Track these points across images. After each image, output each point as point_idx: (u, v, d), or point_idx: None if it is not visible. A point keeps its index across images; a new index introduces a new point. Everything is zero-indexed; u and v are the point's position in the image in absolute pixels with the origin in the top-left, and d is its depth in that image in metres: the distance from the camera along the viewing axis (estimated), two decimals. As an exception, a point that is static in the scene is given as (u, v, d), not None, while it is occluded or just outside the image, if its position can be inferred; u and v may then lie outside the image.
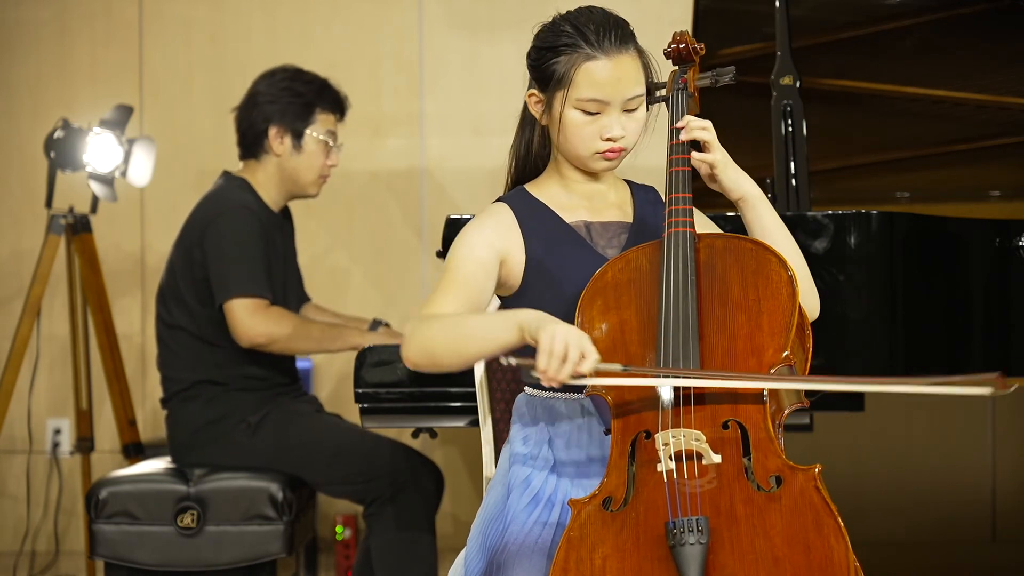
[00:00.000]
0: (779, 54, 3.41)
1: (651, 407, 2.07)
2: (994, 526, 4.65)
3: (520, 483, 2.23)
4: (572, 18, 2.25)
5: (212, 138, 4.58)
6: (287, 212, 3.81)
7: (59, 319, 4.67)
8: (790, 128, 3.37)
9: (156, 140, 4.21)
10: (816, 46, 3.79)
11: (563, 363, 1.97)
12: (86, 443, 4.38)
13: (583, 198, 2.33)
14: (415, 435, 3.27)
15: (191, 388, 3.61)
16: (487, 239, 2.25)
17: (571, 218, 2.31)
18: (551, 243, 2.28)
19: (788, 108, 3.37)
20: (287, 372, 3.70)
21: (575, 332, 1.99)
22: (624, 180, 2.41)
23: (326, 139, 3.69)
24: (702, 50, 2.32)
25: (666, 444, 2.03)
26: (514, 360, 2.01)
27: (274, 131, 3.67)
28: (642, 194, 2.39)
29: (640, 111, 2.27)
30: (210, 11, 4.82)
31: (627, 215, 2.34)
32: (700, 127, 2.24)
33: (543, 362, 1.97)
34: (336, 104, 3.74)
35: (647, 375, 2.06)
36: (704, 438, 2.03)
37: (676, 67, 2.34)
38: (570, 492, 2.20)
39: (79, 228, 4.23)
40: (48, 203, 4.18)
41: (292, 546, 3.47)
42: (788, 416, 2.12)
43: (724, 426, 2.04)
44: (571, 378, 1.98)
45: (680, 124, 2.26)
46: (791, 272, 2.12)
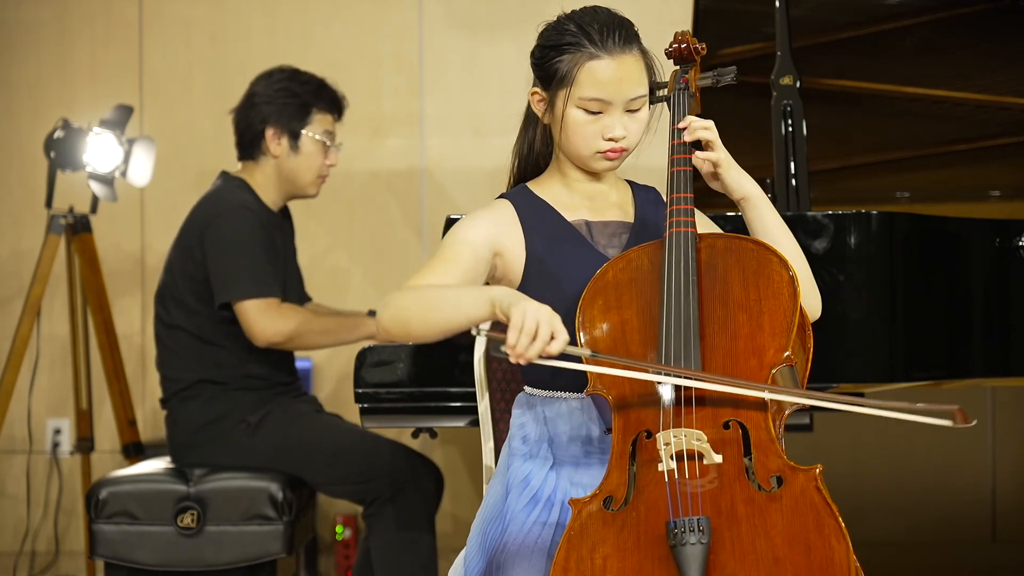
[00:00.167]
0: (779, 54, 3.40)
1: (652, 407, 2.07)
2: (994, 526, 4.65)
3: (519, 482, 2.23)
4: (577, 17, 2.26)
5: (212, 138, 4.57)
6: (286, 212, 3.80)
7: (59, 319, 4.67)
8: (790, 128, 3.37)
9: (156, 140, 4.21)
10: (816, 46, 3.79)
11: (532, 341, 1.97)
12: (86, 443, 4.37)
13: (584, 197, 2.34)
14: (415, 435, 3.27)
15: (190, 388, 3.61)
16: (483, 228, 2.27)
17: (572, 217, 2.31)
18: (552, 241, 2.28)
19: (788, 108, 3.37)
20: (287, 372, 3.70)
21: (547, 311, 2.00)
22: (625, 180, 2.41)
23: (323, 139, 3.69)
24: (703, 50, 2.32)
25: (667, 444, 2.03)
26: (484, 331, 2.01)
27: (271, 132, 3.66)
28: (643, 194, 2.39)
29: (642, 112, 2.27)
30: (210, 11, 4.82)
31: (628, 215, 2.35)
32: (703, 127, 2.24)
33: (513, 337, 1.98)
34: (333, 104, 3.73)
35: (617, 365, 2.07)
36: (705, 438, 2.03)
37: (677, 67, 2.34)
38: (570, 492, 2.20)
39: (79, 228, 4.23)
40: (48, 203, 4.18)
41: (292, 546, 3.47)
42: (789, 416, 2.12)
43: (725, 426, 2.04)
44: (539, 358, 1.99)
45: (682, 124, 2.26)
46: (792, 272, 2.12)
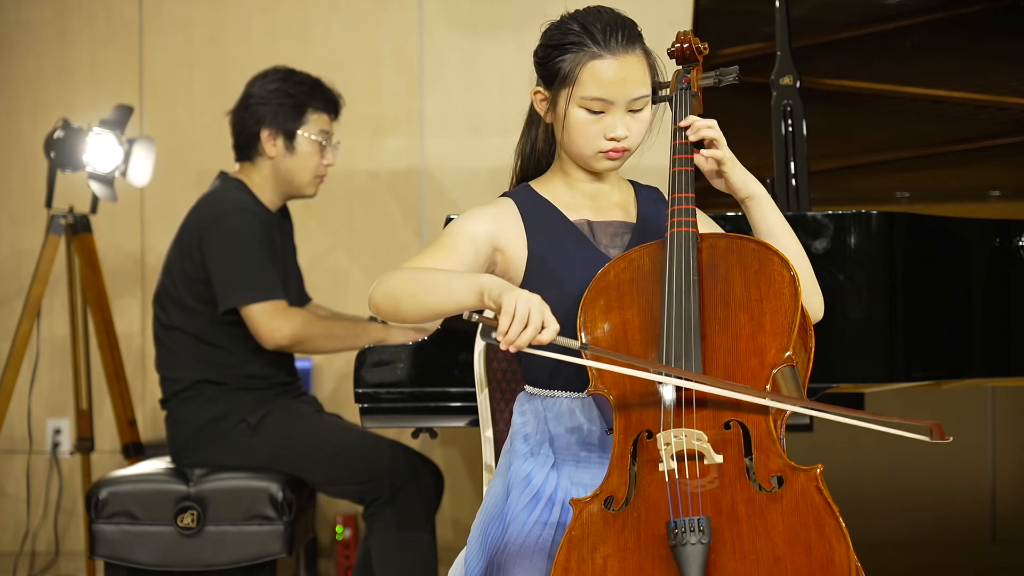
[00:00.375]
0: (779, 54, 3.40)
1: (653, 407, 2.07)
2: (994, 526, 4.65)
3: (520, 481, 2.23)
4: (580, 17, 2.26)
5: (212, 138, 4.57)
6: (285, 211, 3.80)
7: (59, 319, 4.67)
8: (790, 128, 3.37)
9: (156, 140, 4.21)
10: (816, 46, 3.79)
11: (524, 328, 1.98)
12: (86, 443, 4.37)
13: (587, 197, 2.34)
14: (415, 435, 3.27)
15: (190, 388, 3.61)
16: (485, 223, 2.28)
17: (575, 216, 2.31)
18: (554, 240, 2.28)
19: (788, 108, 3.37)
20: (287, 372, 3.70)
21: (537, 300, 2.01)
22: (628, 180, 2.41)
23: (319, 139, 3.68)
24: (706, 50, 2.32)
25: (668, 444, 2.03)
26: (476, 316, 2.02)
27: (266, 133, 3.66)
28: (646, 195, 2.39)
29: (645, 112, 2.27)
30: (210, 11, 4.81)
31: (631, 215, 2.35)
32: (707, 126, 2.24)
33: (505, 323, 1.99)
34: (329, 103, 3.72)
35: (609, 359, 2.07)
36: (706, 438, 2.03)
37: (680, 67, 2.34)
38: (571, 491, 2.20)
39: (79, 228, 4.23)
40: (48, 203, 4.18)
41: (292, 546, 3.47)
42: (790, 417, 2.12)
43: (726, 426, 2.04)
44: (529, 346, 1.99)
45: (685, 123, 2.26)
46: (794, 272, 2.12)
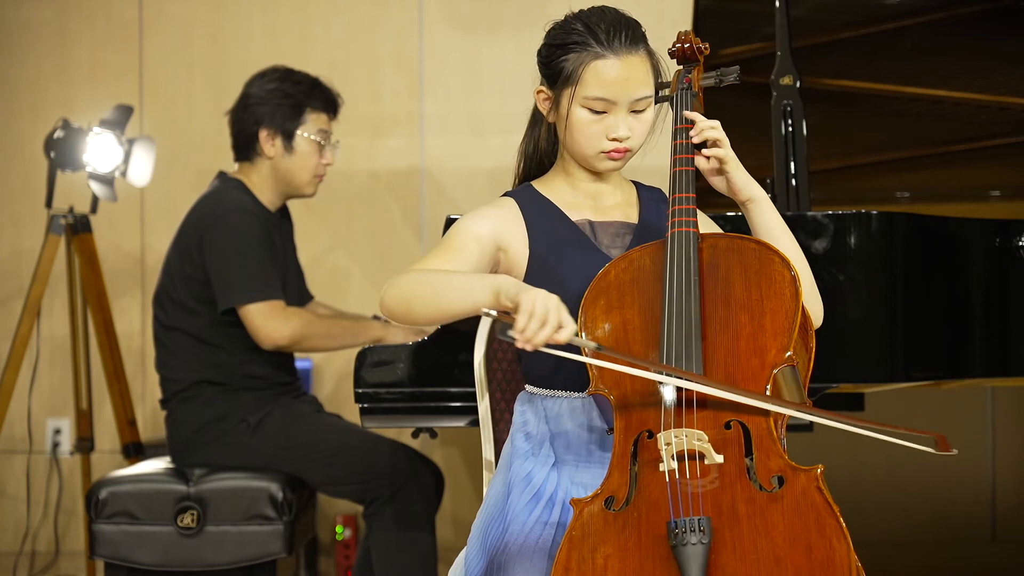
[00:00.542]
0: (779, 54, 3.40)
1: (654, 407, 2.07)
2: (994, 526, 4.65)
3: (521, 480, 2.23)
4: (584, 17, 2.26)
5: (212, 138, 4.57)
6: (285, 211, 3.80)
7: (59, 319, 4.66)
8: (790, 128, 3.37)
9: (156, 140, 4.21)
10: (816, 46, 3.79)
11: (541, 327, 1.98)
12: (86, 443, 4.37)
13: (588, 197, 2.34)
14: (415, 435, 3.27)
15: (190, 388, 3.61)
16: (489, 223, 2.27)
17: (576, 216, 2.31)
18: (555, 240, 2.28)
19: (788, 108, 3.37)
20: (287, 372, 3.70)
21: (555, 300, 2.01)
22: (631, 181, 2.41)
23: (318, 139, 3.68)
24: (707, 50, 2.32)
25: (668, 444, 2.03)
26: (494, 313, 2.02)
27: (264, 133, 3.65)
28: (649, 195, 2.39)
29: (647, 113, 2.27)
30: (210, 11, 4.81)
31: (632, 216, 2.34)
32: (711, 127, 2.24)
33: (522, 321, 1.99)
34: (327, 103, 3.72)
35: (620, 360, 2.07)
36: (706, 438, 2.03)
37: (680, 67, 2.34)
38: (571, 491, 2.20)
39: (79, 228, 4.23)
40: (48, 203, 4.18)
41: (292, 546, 3.47)
42: (790, 416, 2.12)
43: (727, 426, 2.04)
44: (545, 345, 2.00)
45: (689, 122, 2.25)
46: (794, 272, 2.12)
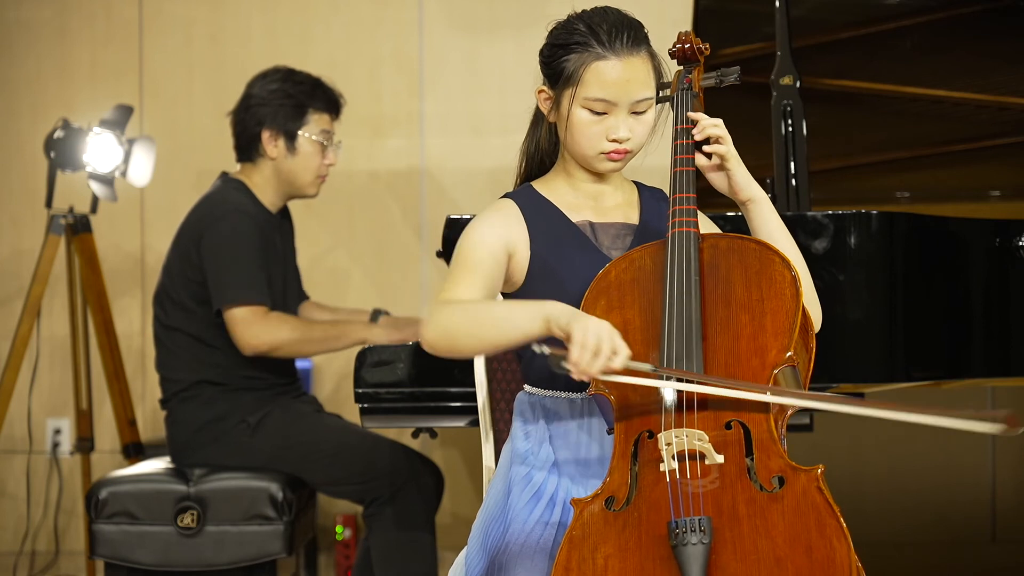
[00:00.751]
0: (779, 54, 3.41)
1: (654, 407, 2.07)
2: (994, 526, 4.65)
3: (521, 480, 2.23)
4: (587, 17, 2.25)
5: (212, 138, 4.57)
6: (286, 212, 3.80)
7: (59, 319, 4.66)
8: (790, 128, 3.37)
9: (156, 140, 4.21)
10: (816, 46, 3.79)
11: (595, 357, 1.98)
12: (86, 443, 4.37)
13: (589, 198, 2.33)
14: (415, 435, 3.27)
15: (190, 388, 3.61)
16: (496, 230, 2.26)
17: (577, 218, 2.31)
18: (556, 241, 2.28)
19: (788, 108, 3.37)
20: (286, 372, 3.70)
21: (607, 327, 2.00)
22: (633, 181, 2.40)
23: (320, 139, 3.68)
24: (707, 50, 2.31)
25: (668, 444, 2.03)
26: (547, 349, 2.01)
27: (267, 134, 3.65)
28: (650, 196, 2.38)
29: (648, 114, 2.27)
30: (210, 11, 4.81)
31: (633, 217, 2.34)
32: (713, 124, 2.23)
33: (576, 354, 1.98)
34: (330, 103, 3.72)
35: (684, 376, 2.05)
36: (707, 438, 2.02)
37: (681, 67, 2.33)
38: (571, 491, 2.20)
39: (79, 228, 4.23)
40: (48, 203, 4.18)
41: (292, 546, 3.47)
42: (791, 417, 2.12)
43: (727, 426, 2.04)
44: (601, 373, 1.99)
45: (692, 121, 2.25)
46: (795, 272, 2.12)
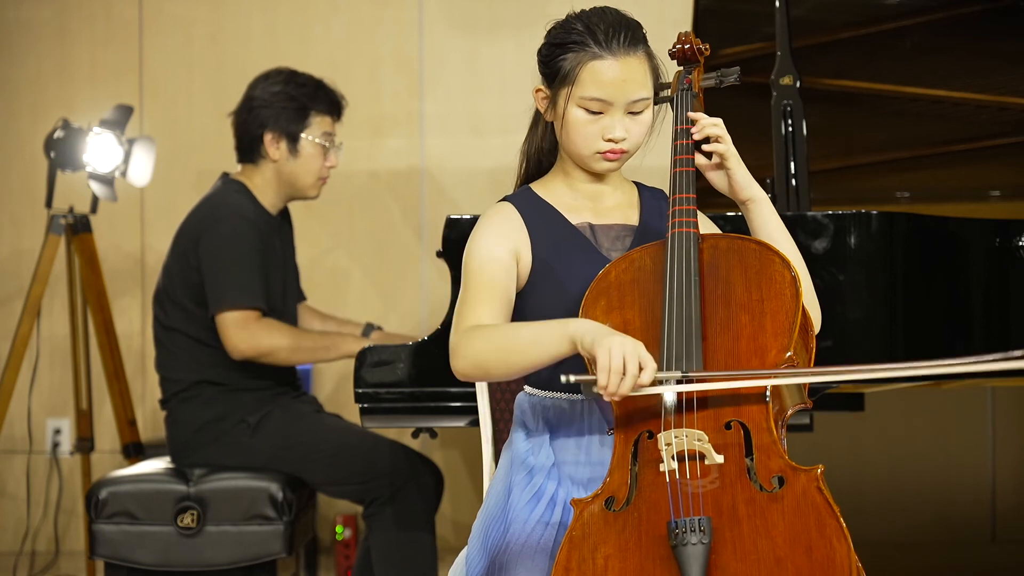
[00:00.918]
0: (779, 54, 3.40)
1: (654, 407, 2.07)
2: (994, 526, 4.65)
3: (521, 480, 2.22)
4: (585, 17, 2.25)
5: (212, 138, 4.57)
6: (286, 213, 3.80)
7: (59, 319, 4.66)
8: (790, 128, 3.37)
9: (156, 140, 4.20)
10: (816, 46, 3.79)
11: (623, 378, 1.97)
12: (86, 443, 4.37)
13: (588, 199, 2.33)
14: (415, 435, 3.27)
15: (190, 389, 3.61)
16: (503, 240, 2.25)
17: (576, 220, 2.30)
18: (556, 244, 2.27)
19: (788, 108, 3.37)
20: (287, 372, 3.70)
21: (631, 343, 1.99)
22: (633, 182, 2.40)
23: (322, 142, 3.68)
24: (707, 50, 2.31)
25: (668, 444, 2.03)
26: (574, 377, 2.01)
27: (269, 137, 3.65)
28: (651, 197, 2.38)
29: (645, 114, 2.27)
30: (210, 11, 4.81)
31: (633, 217, 2.33)
32: (712, 124, 2.23)
33: (603, 379, 1.97)
34: (332, 105, 3.72)
35: (711, 379, 2.04)
36: (707, 438, 2.02)
37: (681, 67, 2.33)
38: (571, 492, 2.20)
39: (79, 228, 4.22)
40: (48, 203, 4.17)
41: (292, 546, 3.47)
42: (791, 417, 2.12)
43: (727, 427, 2.04)
44: (632, 391, 1.98)
45: (692, 120, 2.25)
46: (794, 272, 2.12)
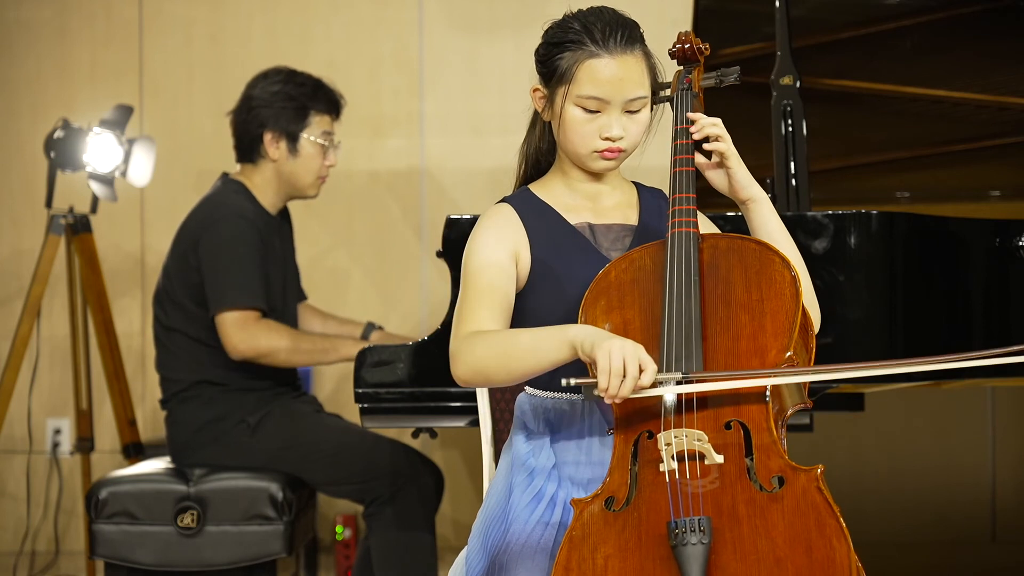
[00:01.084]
0: (779, 54, 3.40)
1: (654, 407, 2.07)
2: (994, 526, 4.65)
3: (521, 481, 2.23)
4: (582, 16, 2.26)
5: (212, 138, 4.57)
6: (286, 213, 3.80)
7: (59, 319, 4.66)
8: (790, 128, 3.37)
9: (156, 140, 4.20)
10: (816, 46, 3.79)
11: (623, 379, 1.98)
12: (86, 443, 4.37)
13: (587, 199, 2.33)
14: (415, 435, 3.27)
15: (190, 389, 3.61)
16: (502, 243, 2.25)
17: (575, 220, 2.30)
18: (555, 244, 2.27)
19: (788, 108, 3.37)
20: (286, 372, 3.70)
21: (630, 346, 1.99)
22: (632, 182, 2.40)
23: (322, 141, 3.68)
24: (707, 50, 2.31)
25: (668, 444, 2.03)
26: (574, 381, 2.01)
27: (269, 136, 3.65)
28: (650, 197, 2.38)
29: (643, 113, 2.27)
30: (210, 11, 4.81)
31: (632, 217, 2.33)
32: (712, 123, 2.23)
33: (604, 381, 1.98)
34: (331, 104, 3.72)
35: (711, 380, 2.05)
36: (706, 438, 2.02)
37: (681, 67, 2.33)
38: (572, 492, 2.20)
39: (79, 228, 4.22)
40: (48, 203, 4.17)
41: (292, 546, 3.47)
42: (791, 417, 2.12)
43: (727, 427, 2.04)
44: (633, 394, 1.99)
45: (691, 120, 2.25)
46: (794, 272, 2.12)
